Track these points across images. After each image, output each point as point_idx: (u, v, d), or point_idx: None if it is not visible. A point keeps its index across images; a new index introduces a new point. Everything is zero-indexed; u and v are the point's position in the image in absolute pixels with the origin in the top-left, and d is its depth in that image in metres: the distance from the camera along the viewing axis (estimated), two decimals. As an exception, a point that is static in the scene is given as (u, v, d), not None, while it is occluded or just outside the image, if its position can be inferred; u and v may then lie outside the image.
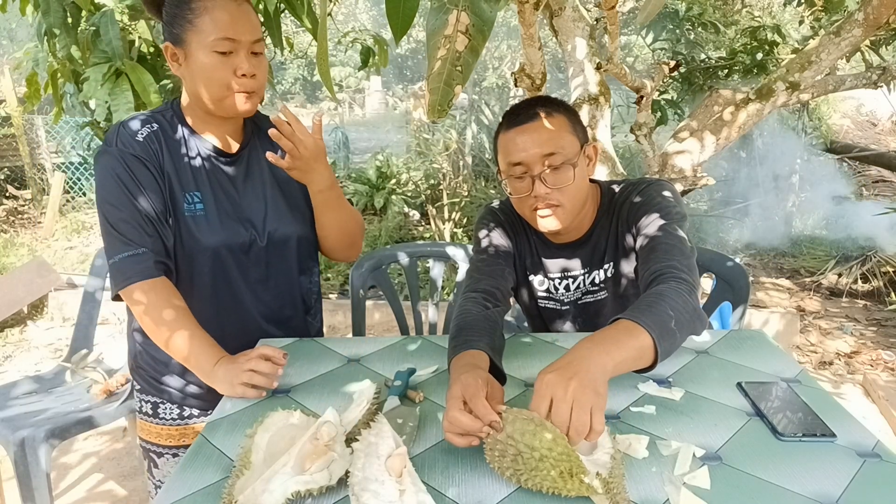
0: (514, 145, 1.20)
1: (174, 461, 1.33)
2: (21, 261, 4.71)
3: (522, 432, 0.77)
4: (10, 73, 5.76)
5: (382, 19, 14.93)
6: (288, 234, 1.29)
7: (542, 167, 1.19)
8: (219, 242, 1.21)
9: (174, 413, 1.32)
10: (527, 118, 1.20)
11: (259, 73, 1.16)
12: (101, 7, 1.80)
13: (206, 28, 1.11)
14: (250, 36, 1.13)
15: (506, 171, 1.24)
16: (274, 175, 1.29)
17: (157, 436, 1.33)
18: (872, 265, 4.23)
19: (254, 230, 1.24)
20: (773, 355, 1.16)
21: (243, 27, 1.12)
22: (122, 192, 1.13)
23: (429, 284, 1.91)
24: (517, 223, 1.37)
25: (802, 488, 0.79)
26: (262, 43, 1.17)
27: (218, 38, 1.11)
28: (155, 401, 1.32)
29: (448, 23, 0.65)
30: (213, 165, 1.23)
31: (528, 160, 1.19)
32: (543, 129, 1.19)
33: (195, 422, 1.33)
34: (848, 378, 3.10)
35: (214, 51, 1.11)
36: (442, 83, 0.67)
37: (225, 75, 1.13)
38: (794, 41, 4.88)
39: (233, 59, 1.13)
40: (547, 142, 1.18)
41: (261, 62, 1.17)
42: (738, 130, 2.40)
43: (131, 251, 1.12)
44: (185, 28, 1.12)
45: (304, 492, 0.77)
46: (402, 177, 5.84)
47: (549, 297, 1.37)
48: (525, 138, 1.19)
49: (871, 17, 2.07)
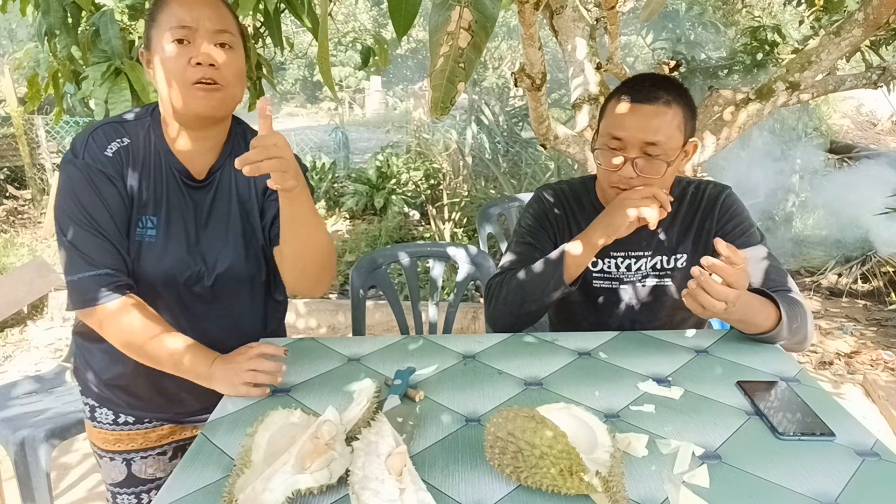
0: (621, 119, 1.21)
1: (112, 465, 1.29)
2: (21, 261, 4.71)
3: (523, 429, 0.77)
4: (11, 73, 5.76)
5: (382, 19, 14.93)
6: (240, 276, 1.20)
7: (638, 152, 1.20)
8: (161, 273, 1.13)
9: (109, 418, 1.27)
10: (647, 98, 1.20)
11: (225, 65, 1.07)
12: (102, 7, 1.80)
13: (164, 19, 1.06)
14: (210, 24, 1.06)
15: (603, 139, 1.25)
16: (241, 204, 1.20)
17: (96, 437, 1.29)
18: (872, 265, 4.23)
19: (203, 265, 1.16)
20: (772, 355, 1.16)
21: (201, 13, 1.05)
22: (84, 209, 1.06)
23: (429, 284, 1.91)
24: (572, 203, 1.40)
25: (801, 487, 0.79)
26: (230, 35, 1.09)
27: (173, 27, 1.04)
28: (92, 403, 1.27)
29: (451, 19, 0.65)
30: (178, 190, 1.15)
31: (629, 140, 1.20)
32: (656, 115, 1.20)
33: (130, 429, 1.27)
34: (848, 378, 3.10)
35: (170, 41, 1.04)
36: (445, 80, 0.67)
37: (179, 64, 1.04)
38: (794, 41, 4.88)
39: (188, 49, 1.05)
40: (655, 130, 1.19)
41: (229, 56, 1.08)
42: (739, 130, 2.40)
43: (93, 272, 1.06)
44: (150, 27, 1.08)
45: (304, 490, 0.77)
46: (402, 177, 5.84)
47: (604, 277, 1.38)
48: (635, 118, 1.20)
49: (871, 17, 2.07)
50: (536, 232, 1.40)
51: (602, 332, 1.29)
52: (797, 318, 1.17)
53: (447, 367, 1.15)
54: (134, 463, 1.28)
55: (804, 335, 1.19)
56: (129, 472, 1.28)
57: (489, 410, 1.00)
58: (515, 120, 6.00)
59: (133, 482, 1.29)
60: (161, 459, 1.31)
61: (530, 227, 1.41)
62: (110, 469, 1.29)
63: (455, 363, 1.16)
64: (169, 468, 1.32)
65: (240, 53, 1.11)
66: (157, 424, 1.29)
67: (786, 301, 1.17)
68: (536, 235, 1.40)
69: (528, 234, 1.41)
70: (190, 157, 1.15)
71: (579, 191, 1.42)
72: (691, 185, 1.37)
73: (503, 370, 1.13)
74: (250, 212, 1.21)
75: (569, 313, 1.44)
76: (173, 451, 1.32)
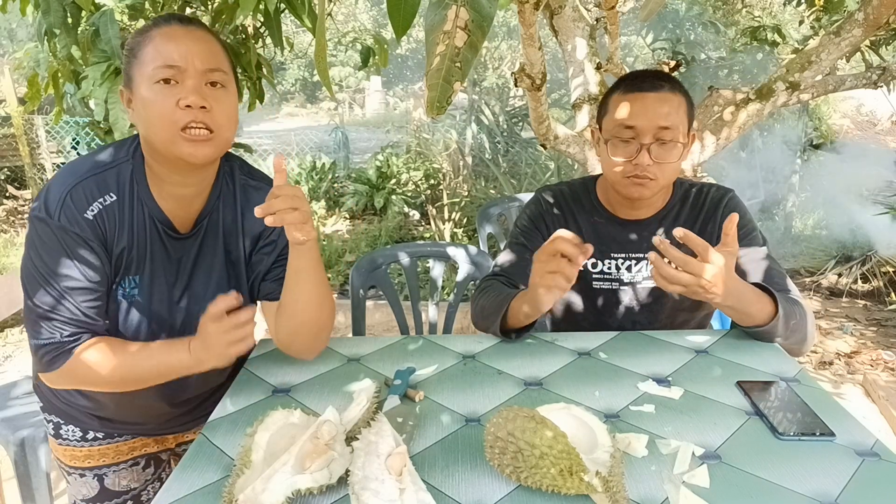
0: (631, 108, 1.21)
1: (82, 481, 1.22)
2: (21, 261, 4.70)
3: (523, 429, 0.77)
4: (11, 73, 5.75)
5: (382, 19, 14.93)
6: None
7: (652, 139, 1.21)
8: (143, 331, 1.08)
9: (77, 434, 1.20)
10: (651, 87, 1.22)
11: (217, 107, 0.96)
12: (102, 7, 1.80)
13: (148, 57, 0.95)
14: (201, 63, 0.95)
15: (612, 132, 1.25)
16: (227, 253, 1.13)
17: (62, 454, 1.22)
18: (872, 265, 4.22)
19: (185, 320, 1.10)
20: (772, 355, 1.16)
21: (190, 52, 0.95)
22: (52, 271, 0.97)
23: (429, 284, 1.91)
24: (572, 204, 1.40)
25: (801, 487, 0.79)
26: (222, 73, 0.98)
27: (159, 66, 0.94)
28: (56, 420, 1.20)
29: (447, 18, 0.65)
30: (161, 245, 1.06)
31: (643, 127, 1.21)
32: (665, 101, 1.22)
33: (100, 444, 1.21)
34: (848, 378, 3.09)
35: (155, 81, 0.94)
36: (441, 79, 0.67)
37: (165, 107, 0.94)
38: (794, 41, 4.88)
39: (176, 89, 0.94)
40: (666, 115, 1.20)
41: (221, 96, 0.98)
42: (739, 130, 2.40)
43: (56, 339, 0.98)
44: (131, 64, 0.97)
45: (304, 490, 0.77)
46: (402, 177, 5.84)
47: (604, 278, 1.38)
48: (645, 105, 1.21)
49: (871, 17, 2.07)
50: (530, 233, 1.40)
51: (602, 332, 1.29)
52: (795, 315, 1.17)
53: (447, 368, 1.15)
54: (107, 477, 1.22)
55: (803, 335, 1.19)
56: (101, 487, 1.22)
57: (489, 410, 1.00)
58: (515, 120, 6.00)
59: (107, 496, 1.23)
60: (135, 470, 1.25)
61: (525, 227, 1.41)
62: (80, 486, 1.22)
63: (455, 363, 1.16)
64: (143, 478, 1.26)
65: (232, 92, 1.02)
66: (128, 438, 1.23)
67: (784, 299, 1.17)
68: (530, 236, 1.40)
69: (521, 234, 1.41)
70: (176, 205, 1.06)
71: (579, 191, 1.41)
72: (693, 188, 1.37)
73: (503, 370, 1.13)
74: (236, 262, 1.14)
75: (569, 314, 1.44)
76: (146, 460, 1.27)
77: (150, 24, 0.99)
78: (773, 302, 1.14)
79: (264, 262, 1.14)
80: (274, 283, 1.13)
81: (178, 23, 0.98)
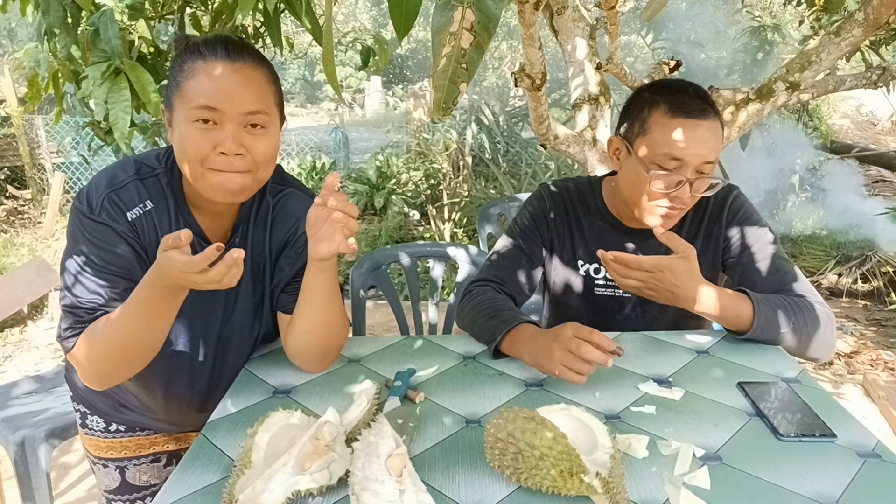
0: (680, 138, 1.12)
1: (105, 471, 1.27)
2: (21, 261, 4.71)
3: (523, 430, 0.77)
4: (11, 73, 5.75)
5: (382, 19, 14.93)
6: (241, 339, 1.16)
7: (695, 173, 1.14)
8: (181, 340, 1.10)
9: (100, 425, 1.25)
10: (699, 113, 1.13)
11: (255, 149, 0.96)
12: (102, 7, 1.80)
13: (189, 94, 0.93)
14: (241, 106, 0.94)
15: (654, 160, 1.15)
16: (254, 265, 1.13)
17: (88, 444, 1.27)
18: (872, 265, 4.23)
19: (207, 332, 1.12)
20: (773, 355, 1.16)
21: (233, 95, 0.93)
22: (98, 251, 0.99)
23: (429, 284, 1.91)
24: (577, 204, 1.36)
25: (802, 488, 0.79)
26: (265, 116, 0.97)
27: (197, 107, 0.93)
28: (83, 410, 1.25)
29: (453, 20, 0.65)
30: None
31: (689, 160, 1.13)
32: (713, 133, 1.14)
33: (122, 437, 1.25)
34: (848, 378, 3.09)
35: (193, 119, 0.93)
36: (447, 81, 0.67)
37: (201, 150, 0.93)
38: (794, 41, 4.88)
39: (215, 133, 0.94)
40: (713, 149, 1.13)
41: (260, 137, 0.97)
42: (738, 130, 2.40)
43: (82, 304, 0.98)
44: (173, 91, 0.97)
45: (304, 491, 0.77)
46: (402, 177, 5.84)
47: (607, 284, 1.35)
48: (695, 137, 1.12)
49: (871, 17, 2.06)
50: (529, 233, 1.37)
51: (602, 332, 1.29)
52: (794, 316, 1.14)
53: (447, 368, 1.15)
54: (128, 470, 1.27)
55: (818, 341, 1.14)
56: (122, 480, 1.27)
57: (489, 411, 0.99)
58: (515, 120, 6.00)
59: (127, 489, 1.27)
60: (155, 466, 1.29)
61: (525, 226, 1.38)
62: (104, 476, 1.27)
63: (455, 364, 1.16)
64: (163, 475, 1.30)
65: (274, 132, 1.00)
66: (149, 433, 1.27)
67: (774, 301, 1.14)
68: (528, 237, 1.37)
69: (520, 234, 1.37)
70: (209, 219, 1.08)
71: (585, 192, 1.38)
72: None
73: (503, 371, 1.13)
74: (263, 274, 1.15)
75: (570, 320, 1.44)
76: (167, 458, 1.31)
77: (196, 48, 0.95)
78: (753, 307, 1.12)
79: (285, 272, 1.14)
80: (289, 296, 1.13)
81: (226, 55, 0.95)
